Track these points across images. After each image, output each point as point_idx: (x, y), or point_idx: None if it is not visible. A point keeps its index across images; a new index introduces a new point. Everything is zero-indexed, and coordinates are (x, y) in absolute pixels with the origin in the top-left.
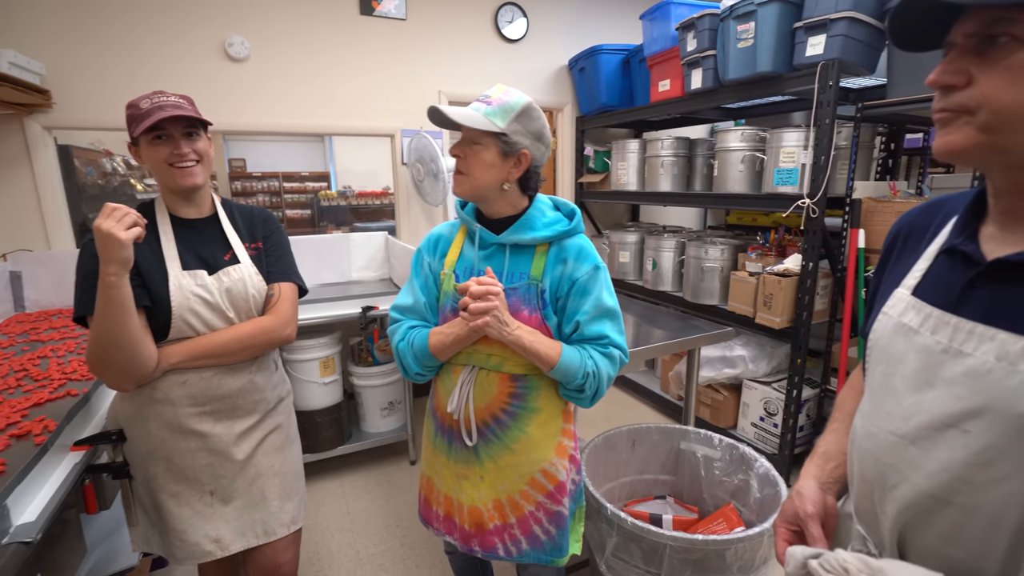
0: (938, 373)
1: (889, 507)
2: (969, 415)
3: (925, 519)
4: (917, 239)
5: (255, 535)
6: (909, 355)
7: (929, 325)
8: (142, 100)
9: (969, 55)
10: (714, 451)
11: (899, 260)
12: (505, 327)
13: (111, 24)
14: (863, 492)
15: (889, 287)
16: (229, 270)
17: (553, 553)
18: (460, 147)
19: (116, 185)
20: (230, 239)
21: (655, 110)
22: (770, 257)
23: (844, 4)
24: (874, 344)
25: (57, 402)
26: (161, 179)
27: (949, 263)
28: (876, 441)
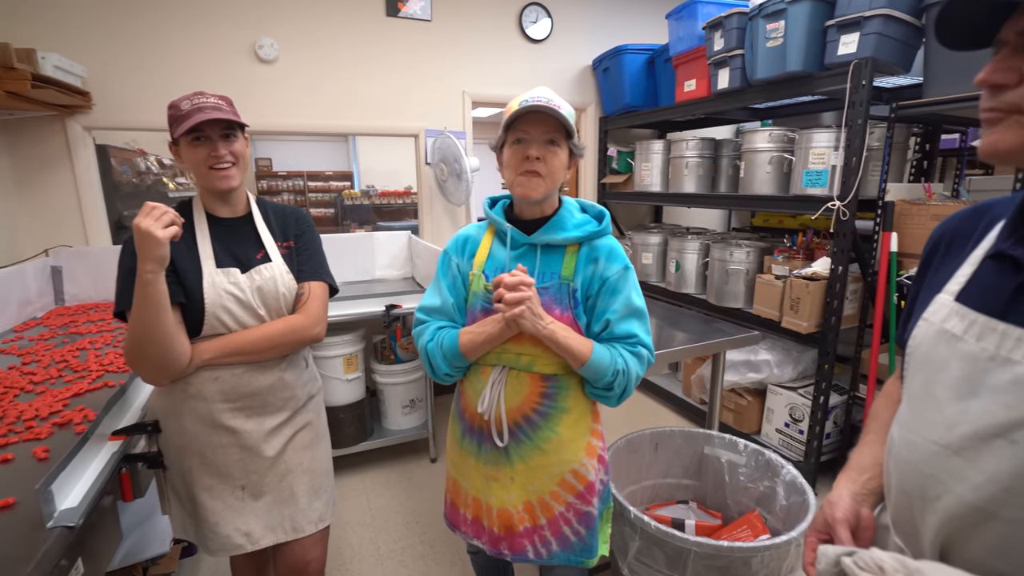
0: (984, 381)
1: (931, 519)
2: (1018, 425)
3: (969, 532)
4: (961, 244)
5: (284, 531)
6: (952, 362)
7: (974, 332)
8: (183, 101)
9: (1021, 53)
10: (739, 457)
11: (941, 265)
12: (540, 320)
13: (148, 28)
14: (901, 503)
15: (930, 293)
16: (261, 268)
17: (583, 554)
18: (541, 148)
19: (149, 184)
20: (263, 238)
21: (680, 110)
22: (797, 260)
23: (879, 1)
24: (913, 351)
25: (95, 392)
26: (200, 180)
27: (996, 268)
28: (917, 451)
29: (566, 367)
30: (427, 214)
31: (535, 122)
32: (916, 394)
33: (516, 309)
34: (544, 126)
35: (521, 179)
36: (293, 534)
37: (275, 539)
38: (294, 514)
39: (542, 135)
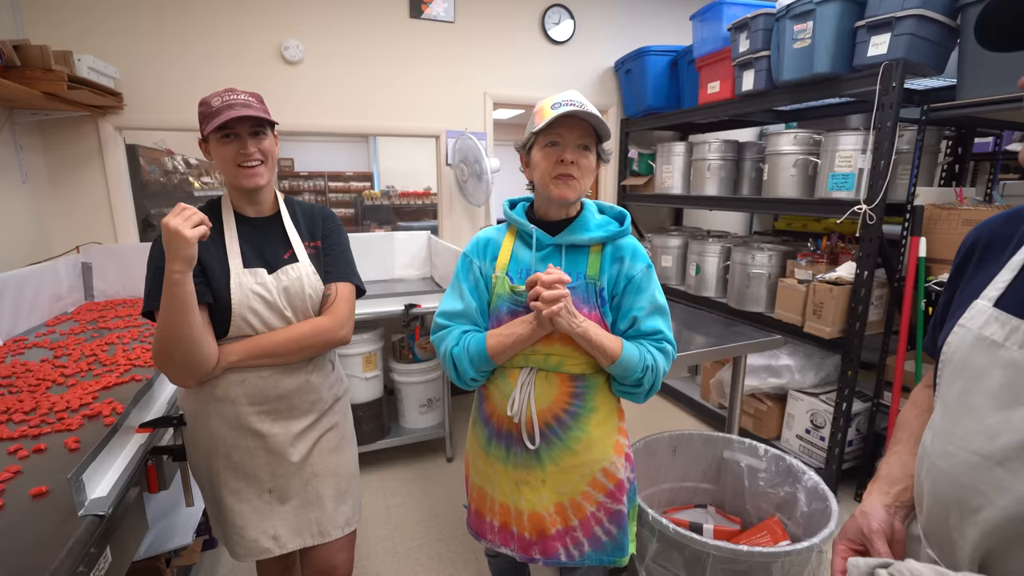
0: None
1: (970, 532)
2: None
3: (1013, 546)
4: (999, 249)
5: (311, 535)
6: (993, 370)
7: (1017, 339)
8: (213, 98)
9: None
10: (759, 462)
11: (977, 271)
12: (574, 318)
13: (178, 31)
14: (935, 514)
15: (966, 298)
16: (287, 269)
17: (615, 553)
18: (576, 153)
19: (176, 183)
20: (290, 237)
21: (703, 112)
22: (821, 264)
23: (912, 1)
24: (949, 358)
25: (123, 386)
26: (228, 177)
27: None
28: (954, 461)
29: (594, 366)
30: (447, 215)
31: (570, 126)
32: (952, 402)
33: (555, 307)
34: (578, 130)
35: (557, 181)
36: (320, 538)
37: (302, 543)
38: (320, 518)
39: (576, 139)
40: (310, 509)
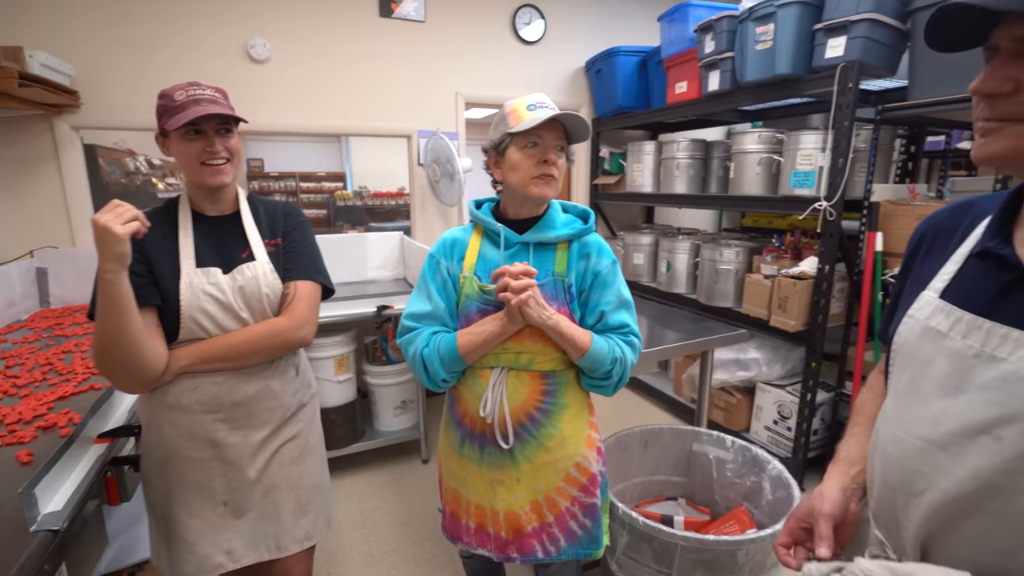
0: (970, 378)
1: (914, 513)
2: (1003, 421)
3: (952, 526)
4: (944, 241)
5: (267, 549)
6: (938, 359)
7: (960, 329)
8: (176, 91)
9: (1017, 61)
10: (726, 453)
11: (924, 262)
12: (544, 311)
13: (138, 27)
14: (884, 497)
15: (914, 289)
16: (243, 268)
17: (590, 546)
18: (555, 154)
19: (139, 184)
20: (248, 235)
21: (671, 112)
22: (785, 260)
23: (865, 6)
24: (899, 348)
25: (81, 395)
26: (190, 175)
27: (981, 267)
28: (902, 446)
29: (564, 362)
30: (419, 215)
31: (549, 128)
32: (902, 390)
33: (523, 295)
34: (556, 132)
35: (538, 181)
36: (277, 553)
37: (257, 557)
38: (278, 532)
39: (555, 140)
40: (267, 523)
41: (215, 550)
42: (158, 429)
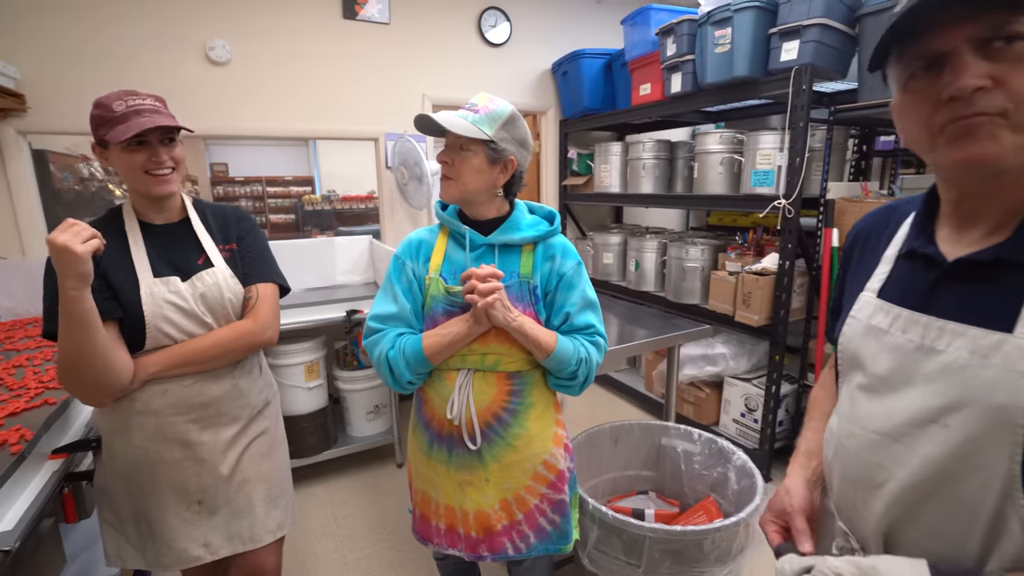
0: (915, 371)
1: (876, 505)
2: (948, 409)
3: (911, 515)
4: (874, 243)
5: (241, 541)
6: (882, 355)
7: (899, 325)
8: (114, 102)
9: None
10: (694, 446)
11: (860, 264)
12: (510, 312)
13: (88, 27)
14: (844, 491)
15: (854, 291)
16: (203, 275)
17: (559, 541)
18: (448, 153)
19: (94, 191)
20: (203, 242)
21: (637, 113)
22: (749, 257)
23: (816, 11)
24: (845, 348)
25: (34, 411)
26: (134, 185)
27: (911, 266)
28: (858, 441)
29: (530, 362)
30: (388, 218)
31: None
32: (854, 387)
33: (489, 298)
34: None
35: (442, 182)
36: (251, 544)
37: (233, 549)
38: (252, 524)
39: (453, 140)
40: (241, 516)
41: (192, 544)
42: (126, 434)
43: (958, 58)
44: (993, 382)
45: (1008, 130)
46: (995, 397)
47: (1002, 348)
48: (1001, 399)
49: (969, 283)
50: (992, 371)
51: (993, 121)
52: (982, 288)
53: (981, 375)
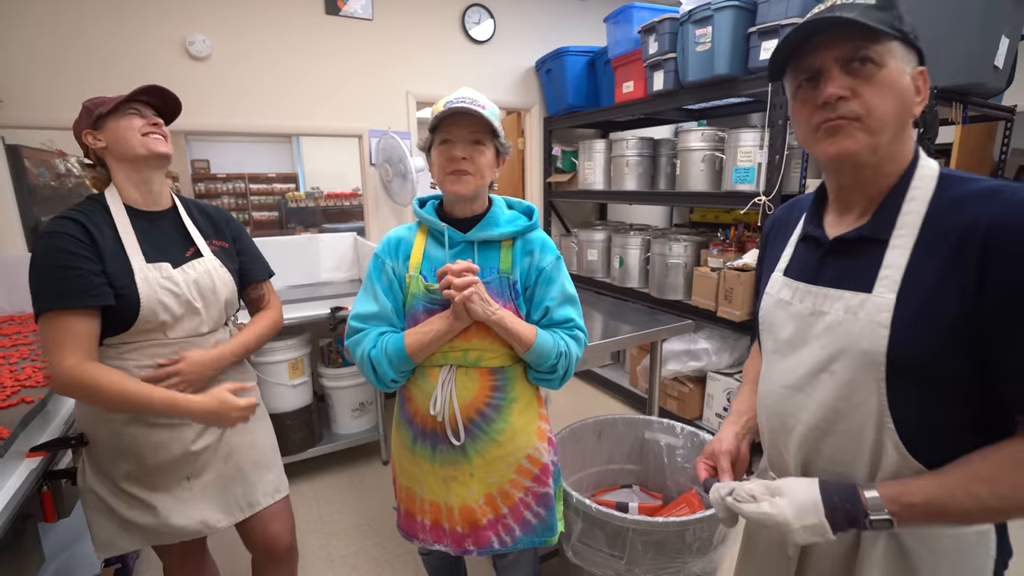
0: (809, 332)
1: (792, 447)
2: (832, 359)
3: (816, 449)
4: (783, 232)
5: (240, 509)
6: (787, 323)
7: (798, 296)
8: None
9: (843, 75)
10: (676, 439)
11: (772, 249)
12: (489, 306)
13: (65, 20)
14: (771, 441)
15: (767, 272)
16: (194, 263)
17: (544, 534)
18: (466, 148)
19: (70, 187)
20: (192, 234)
21: (620, 111)
22: (730, 253)
23: (793, 11)
24: (762, 319)
25: (11, 409)
26: (133, 151)
27: (805, 247)
28: (774, 396)
29: (512, 357)
30: (373, 215)
31: (460, 123)
32: (768, 351)
33: (467, 291)
34: (469, 127)
35: (451, 177)
36: (249, 510)
37: (233, 520)
38: (246, 491)
39: (467, 135)
40: (234, 485)
41: (189, 521)
42: (110, 422)
43: (827, 73)
44: (860, 333)
45: (862, 131)
46: (861, 344)
47: (865, 305)
48: (865, 346)
49: (843, 257)
50: (859, 324)
51: (851, 123)
52: (851, 261)
53: (852, 328)
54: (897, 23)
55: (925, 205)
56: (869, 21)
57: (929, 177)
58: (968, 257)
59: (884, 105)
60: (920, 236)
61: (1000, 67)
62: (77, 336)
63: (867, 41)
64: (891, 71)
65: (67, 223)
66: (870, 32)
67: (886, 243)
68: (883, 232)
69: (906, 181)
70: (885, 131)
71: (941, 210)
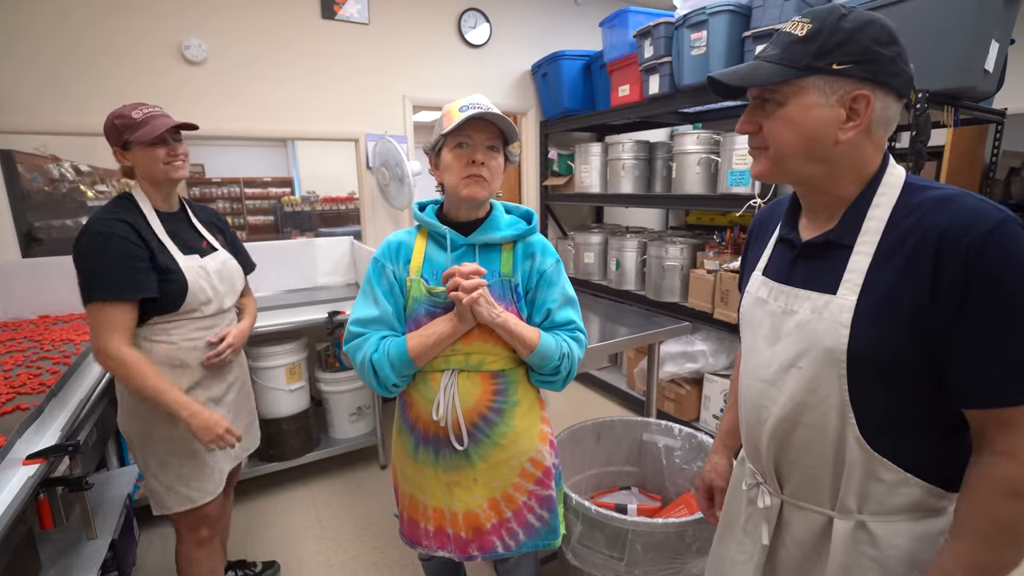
0: (782, 329)
1: (764, 437)
2: (800, 355)
3: (786, 440)
4: (764, 233)
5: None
6: (764, 320)
7: (773, 295)
8: (132, 111)
9: (757, 110)
10: (675, 441)
11: (754, 250)
12: (494, 309)
13: (60, 25)
14: (747, 433)
15: (748, 271)
16: (212, 256)
17: (548, 537)
18: (484, 154)
19: (65, 192)
20: (200, 230)
21: (616, 114)
22: (726, 255)
23: (788, 15)
24: (743, 316)
25: (6, 417)
26: (155, 174)
27: (781, 248)
28: (751, 390)
29: (514, 361)
30: (370, 219)
31: (479, 128)
32: (747, 347)
33: (474, 293)
34: (487, 132)
35: (467, 181)
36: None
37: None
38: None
39: (485, 140)
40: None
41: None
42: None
43: (747, 109)
44: (824, 331)
45: (766, 159)
46: (825, 342)
47: (829, 306)
48: (828, 343)
49: (812, 259)
50: (824, 323)
51: (760, 152)
52: (819, 263)
53: (817, 327)
54: (822, 58)
55: (888, 212)
56: (781, 61)
57: (894, 185)
58: (922, 263)
59: (783, 138)
60: (881, 241)
61: (991, 71)
62: (124, 323)
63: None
64: (791, 108)
65: (118, 224)
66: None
67: (850, 248)
68: (848, 237)
69: (871, 189)
70: (787, 159)
71: (901, 217)
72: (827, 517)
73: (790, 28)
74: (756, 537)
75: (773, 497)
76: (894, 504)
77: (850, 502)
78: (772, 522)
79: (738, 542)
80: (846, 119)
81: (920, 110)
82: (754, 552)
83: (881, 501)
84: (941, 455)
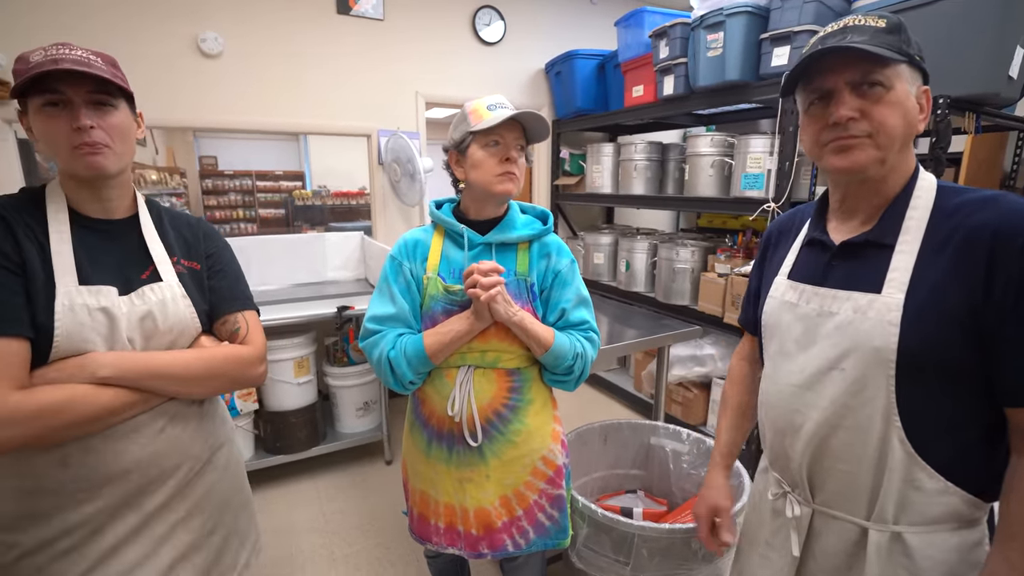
0: (817, 332)
1: (798, 444)
2: (842, 357)
3: (824, 445)
4: (785, 238)
5: None
6: (794, 324)
7: (805, 298)
8: (35, 52)
9: (853, 97)
10: (682, 445)
11: (775, 254)
12: (511, 307)
13: (80, 16)
14: (775, 441)
15: (770, 276)
16: (145, 290)
17: (558, 536)
18: (515, 152)
19: None
20: (151, 250)
21: (629, 115)
22: (738, 259)
23: (807, 18)
24: (767, 322)
25: None
26: (59, 160)
27: (810, 251)
28: (781, 395)
29: (529, 359)
30: (380, 215)
31: (509, 127)
32: (774, 353)
33: (493, 291)
34: (516, 132)
35: (502, 178)
36: None
37: None
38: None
39: (516, 139)
40: None
41: None
42: (12, 528)
43: (839, 95)
44: (870, 331)
45: (872, 147)
46: (872, 342)
47: (874, 305)
48: (877, 343)
49: (851, 260)
50: (869, 323)
51: (862, 141)
52: (859, 263)
53: (862, 327)
54: (904, 46)
55: (927, 212)
56: (878, 46)
57: (929, 188)
58: (973, 261)
59: (892, 123)
60: (924, 240)
61: (1015, 77)
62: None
63: (876, 66)
64: (898, 92)
65: None
66: (879, 58)
67: (891, 247)
68: (889, 237)
69: (908, 191)
70: (893, 146)
71: (943, 217)
72: (861, 528)
73: (866, 21)
74: (783, 551)
75: (803, 506)
76: (932, 514)
77: (888, 510)
78: (803, 532)
79: (761, 555)
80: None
81: (941, 116)
82: (782, 566)
83: (920, 511)
84: (979, 462)
